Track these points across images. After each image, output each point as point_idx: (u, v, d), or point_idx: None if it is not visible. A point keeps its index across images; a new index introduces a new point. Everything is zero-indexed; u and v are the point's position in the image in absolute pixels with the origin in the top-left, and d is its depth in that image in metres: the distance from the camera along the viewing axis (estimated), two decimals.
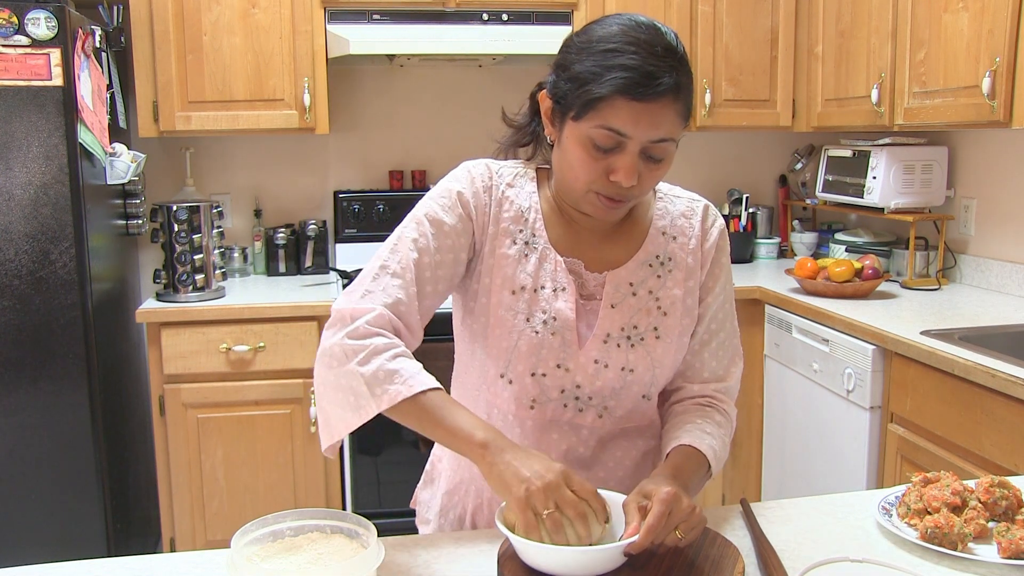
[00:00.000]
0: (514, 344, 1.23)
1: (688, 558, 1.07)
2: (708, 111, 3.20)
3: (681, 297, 1.27)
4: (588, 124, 1.13)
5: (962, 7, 2.36)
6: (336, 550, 1.04)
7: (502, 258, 1.25)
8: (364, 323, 1.15)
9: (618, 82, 1.09)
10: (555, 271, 1.24)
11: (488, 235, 1.25)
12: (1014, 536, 1.08)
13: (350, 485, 2.87)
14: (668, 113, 1.12)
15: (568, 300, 1.23)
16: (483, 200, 1.25)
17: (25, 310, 2.50)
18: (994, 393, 1.88)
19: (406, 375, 1.12)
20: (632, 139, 1.12)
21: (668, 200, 1.32)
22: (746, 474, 3.06)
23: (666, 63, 1.11)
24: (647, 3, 3.13)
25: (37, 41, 2.41)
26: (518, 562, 1.05)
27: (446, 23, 3.01)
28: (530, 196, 1.27)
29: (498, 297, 1.24)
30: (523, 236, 1.25)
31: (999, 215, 2.81)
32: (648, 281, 1.27)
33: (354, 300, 1.19)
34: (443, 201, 1.24)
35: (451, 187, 1.26)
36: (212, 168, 3.36)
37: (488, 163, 1.30)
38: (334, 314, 1.19)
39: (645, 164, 1.15)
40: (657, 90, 1.10)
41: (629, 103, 1.10)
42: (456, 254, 1.23)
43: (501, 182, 1.27)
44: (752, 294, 2.96)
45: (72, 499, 2.58)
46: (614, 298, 1.25)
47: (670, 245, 1.29)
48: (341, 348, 1.14)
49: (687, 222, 1.30)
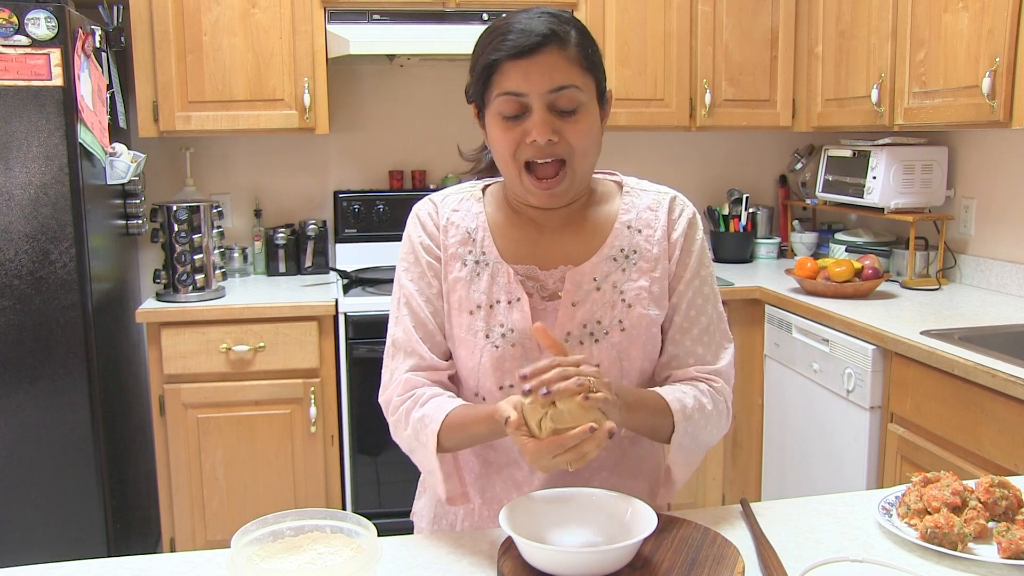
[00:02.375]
0: (478, 362, 1.26)
1: (688, 558, 1.07)
2: (708, 111, 3.20)
3: (647, 287, 1.27)
4: (492, 100, 1.19)
5: (962, 7, 2.36)
6: (336, 550, 1.04)
7: (455, 282, 1.28)
8: (396, 399, 1.27)
9: (500, 48, 1.17)
10: (508, 283, 1.26)
11: (442, 263, 1.30)
12: (1014, 536, 1.08)
13: (350, 485, 2.87)
14: (557, 61, 1.16)
15: (523, 309, 1.25)
16: (436, 236, 1.31)
17: (25, 310, 2.50)
18: (994, 393, 1.88)
19: (429, 417, 1.21)
20: (530, 95, 1.17)
21: (634, 194, 1.32)
22: (746, 474, 3.07)
23: (541, 21, 1.18)
24: (647, 3, 3.13)
25: (37, 41, 2.41)
26: (518, 562, 1.05)
27: (446, 23, 3.01)
28: (476, 216, 1.31)
29: (457, 319, 1.28)
30: (472, 256, 1.29)
31: (999, 215, 2.81)
32: (612, 275, 1.27)
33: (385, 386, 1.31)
34: (409, 257, 1.32)
35: (409, 238, 1.33)
36: (212, 168, 3.36)
37: (431, 198, 1.35)
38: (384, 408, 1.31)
39: (562, 119, 1.18)
40: (535, 41, 1.15)
41: (514, 63, 1.16)
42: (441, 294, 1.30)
43: (445, 210, 1.32)
44: (752, 294, 2.96)
45: (72, 499, 2.58)
46: (575, 296, 1.26)
47: (635, 238, 1.29)
48: (393, 426, 1.29)
49: (653, 214, 1.30)
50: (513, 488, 1.29)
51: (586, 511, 1.14)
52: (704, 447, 1.28)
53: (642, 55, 3.16)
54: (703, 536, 1.13)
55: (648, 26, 3.15)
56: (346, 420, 2.85)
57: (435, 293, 1.29)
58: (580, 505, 1.15)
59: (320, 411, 2.83)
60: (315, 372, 2.82)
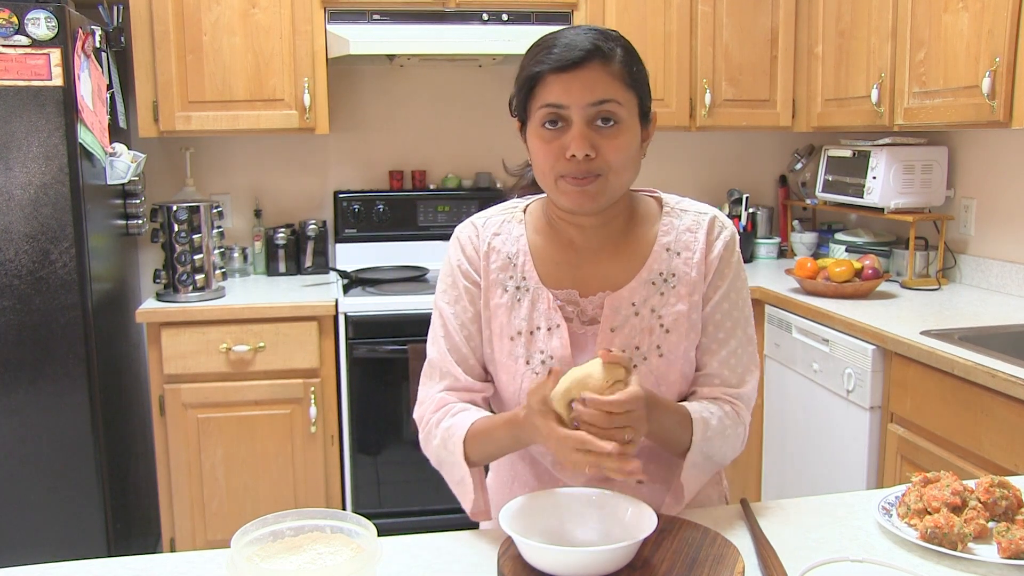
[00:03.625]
0: (519, 387, 1.27)
1: (688, 558, 1.07)
2: (708, 111, 3.20)
3: (686, 312, 1.26)
4: (534, 112, 1.21)
5: (962, 7, 2.36)
6: (336, 550, 1.04)
7: (496, 308, 1.29)
8: (429, 414, 1.30)
9: (544, 61, 1.18)
10: (548, 310, 1.27)
11: (482, 289, 1.30)
12: (1014, 536, 1.08)
13: (350, 485, 2.87)
14: (599, 75, 1.17)
15: (562, 336, 1.25)
16: (476, 261, 1.32)
17: (25, 310, 2.50)
18: (994, 393, 1.88)
19: (456, 428, 1.24)
20: (570, 108, 1.17)
21: (675, 215, 1.31)
22: (746, 474, 3.06)
23: (587, 36, 1.19)
24: (647, 3, 3.13)
25: (37, 41, 2.41)
26: (518, 562, 1.05)
27: (446, 23, 3.01)
28: (517, 240, 1.31)
29: (499, 345, 1.29)
30: (513, 282, 1.29)
31: (999, 215, 2.81)
32: (651, 299, 1.26)
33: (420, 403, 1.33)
34: (447, 280, 1.34)
35: (449, 262, 1.34)
36: (212, 168, 3.36)
37: (473, 220, 1.35)
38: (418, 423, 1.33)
39: (599, 132, 1.19)
40: (578, 55, 1.17)
41: (557, 76, 1.17)
42: (477, 318, 1.31)
43: (487, 234, 1.33)
44: (752, 294, 2.94)
45: (72, 499, 2.58)
46: (614, 321, 1.26)
47: (674, 261, 1.28)
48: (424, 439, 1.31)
49: (692, 236, 1.29)
50: None
51: (586, 511, 1.14)
52: (716, 467, 1.29)
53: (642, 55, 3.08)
54: (703, 536, 1.13)
55: (648, 26, 3.15)
56: (346, 420, 2.85)
57: (470, 317, 1.30)
58: (580, 505, 1.15)
59: (320, 411, 2.83)
60: (315, 372, 2.82)
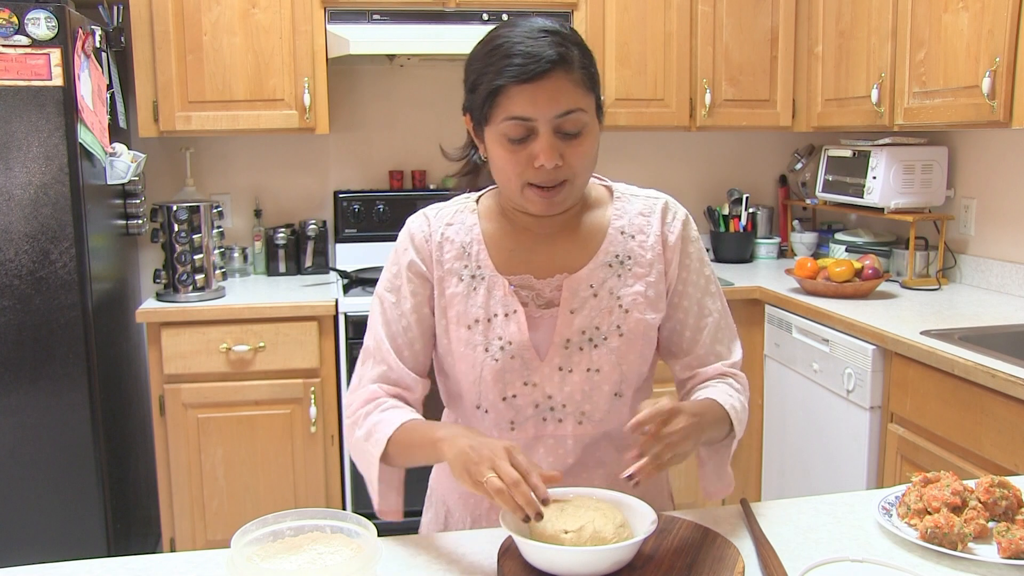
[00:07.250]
0: (479, 375, 1.27)
1: (688, 558, 1.07)
2: (708, 111, 3.20)
3: (643, 292, 1.29)
4: (497, 122, 1.18)
5: (962, 7, 2.36)
6: (336, 550, 1.04)
7: (452, 297, 1.29)
8: (359, 403, 1.29)
9: (505, 72, 1.15)
10: (504, 296, 1.27)
11: (435, 279, 1.30)
12: (1014, 536, 1.08)
13: (350, 485, 2.87)
14: (563, 85, 1.16)
15: (519, 321, 1.26)
16: (426, 251, 1.31)
17: (25, 310, 2.50)
18: (994, 393, 1.88)
19: (385, 424, 1.22)
20: (537, 120, 1.16)
21: (625, 199, 1.33)
22: (746, 474, 3.06)
23: (545, 40, 1.16)
24: (647, 3, 3.13)
25: (37, 41, 2.41)
26: (518, 561, 1.05)
27: (446, 23, 3.01)
28: (471, 229, 1.31)
29: (456, 334, 1.28)
30: (468, 271, 1.29)
31: (999, 215, 2.81)
32: (608, 281, 1.28)
33: (353, 392, 1.33)
34: (392, 269, 1.33)
35: (396, 252, 1.34)
36: (212, 168, 3.36)
37: (425, 212, 1.35)
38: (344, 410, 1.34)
39: (565, 142, 1.18)
40: (542, 67, 1.14)
41: (521, 87, 1.15)
42: (419, 310, 1.30)
43: (439, 225, 1.32)
44: (752, 294, 2.96)
45: (72, 499, 2.58)
46: (572, 303, 1.27)
47: (629, 243, 1.30)
48: (348, 427, 1.31)
49: (645, 220, 1.31)
50: None
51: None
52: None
53: (642, 55, 3.16)
54: (703, 536, 1.13)
55: (648, 26, 3.15)
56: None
57: (409, 308, 1.30)
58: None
59: (320, 411, 2.83)
60: (315, 372, 2.82)
